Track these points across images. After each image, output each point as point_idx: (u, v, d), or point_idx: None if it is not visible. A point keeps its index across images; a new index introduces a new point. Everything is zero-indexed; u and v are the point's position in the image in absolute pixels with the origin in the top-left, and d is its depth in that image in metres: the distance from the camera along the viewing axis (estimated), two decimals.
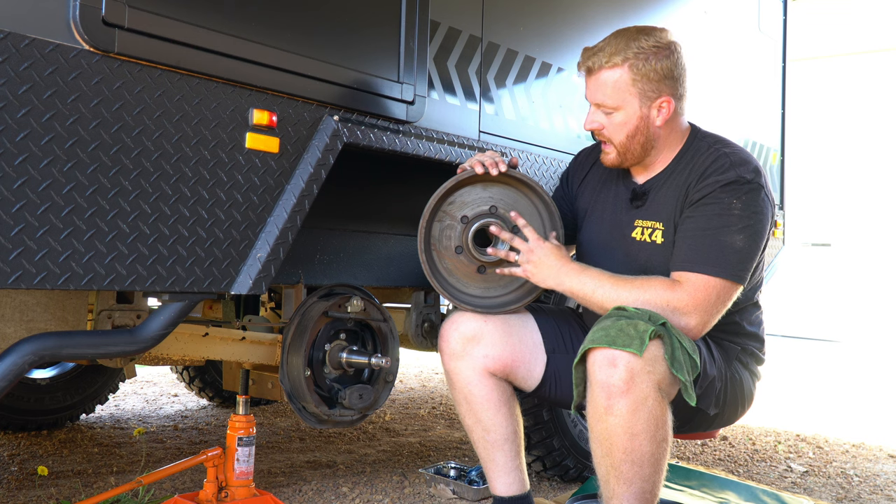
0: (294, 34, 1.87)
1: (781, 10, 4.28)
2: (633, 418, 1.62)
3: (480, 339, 1.96)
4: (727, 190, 1.82)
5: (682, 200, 1.89)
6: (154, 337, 1.74)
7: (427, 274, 1.94)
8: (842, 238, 9.40)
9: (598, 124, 1.94)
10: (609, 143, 1.95)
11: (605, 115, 1.92)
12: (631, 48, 1.86)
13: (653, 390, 1.64)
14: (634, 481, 1.66)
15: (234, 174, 1.76)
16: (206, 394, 4.18)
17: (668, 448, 1.69)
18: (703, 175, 1.87)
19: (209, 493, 2.15)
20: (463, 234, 1.97)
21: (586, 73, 1.94)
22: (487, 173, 1.91)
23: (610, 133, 1.93)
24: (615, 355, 1.63)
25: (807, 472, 3.30)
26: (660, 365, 1.65)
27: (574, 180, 2.19)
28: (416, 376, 5.64)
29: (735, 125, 3.76)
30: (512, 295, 2.03)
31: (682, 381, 1.67)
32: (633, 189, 2.01)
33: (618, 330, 1.65)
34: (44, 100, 1.44)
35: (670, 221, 1.91)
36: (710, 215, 1.82)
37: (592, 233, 2.08)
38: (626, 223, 1.99)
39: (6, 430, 3.33)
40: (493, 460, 2.00)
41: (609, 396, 1.63)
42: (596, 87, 1.91)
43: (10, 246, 1.41)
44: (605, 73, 1.88)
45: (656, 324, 1.66)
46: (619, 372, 1.62)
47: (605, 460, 1.68)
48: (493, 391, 1.97)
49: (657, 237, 1.92)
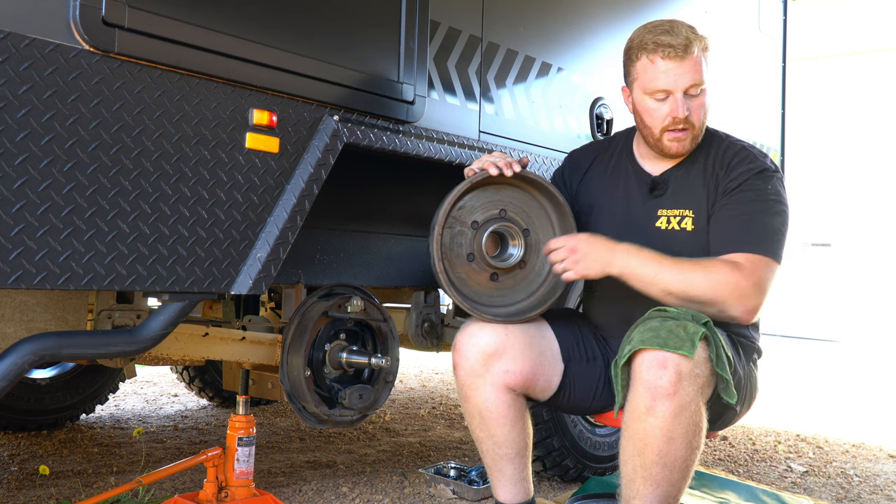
0: (294, 34, 1.87)
1: (781, 10, 4.29)
2: (674, 422, 1.61)
3: (502, 353, 1.87)
4: (760, 177, 1.85)
5: (714, 190, 1.90)
6: (154, 337, 1.74)
7: (444, 285, 1.85)
8: (842, 238, 9.40)
9: (688, 110, 1.85)
10: (688, 129, 1.87)
11: (694, 98, 1.85)
12: (687, 26, 1.86)
13: (697, 395, 1.62)
14: (662, 484, 1.64)
15: (234, 174, 1.76)
16: (206, 394, 4.18)
17: (699, 456, 1.68)
18: (731, 165, 1.89)
19: (209, 493, 2.15)
20: (474, 240, 1.89)
21: (682, 53, 1.82)
22: (502, 175, 1.84)
23: (695, 117, 1.86)
24: (666, 357, 1.60)
25: (807, 472, 3.30)
26: (705, 368, 1.64)
27: (573, 178, 2.14)
28: (416, 376, 5.64)
29: (735, 125, 3.76)
30: (529, 300, 1.95)
31: (726, 380, 1.66)
32: (651, 180, 1.99)
33: (668, 331, 1.62)
34: (44, 100, 1.44)
35: (701, 209, 1.91)
36: (749, 200, 1.84)
37: (602, 227, 2.01)
38: (647, 214, 1.97)
39: (6, 430, 3.33)
40: (501, 472, 1.97)
41: (654, 398, 1.60)
42: (695, 66, 1.83)
43: (10, 246, 1.41)
44: (696, 52, 1.83)
45: (701, 323, 1.65)
46: (668, 374, 1.59)
47: (634, 459, 1.66)
48: (510, 408, 1.90)
49: (687, 224, 1.91)
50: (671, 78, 1.83)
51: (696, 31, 1.86)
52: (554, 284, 1.96)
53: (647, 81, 1.86)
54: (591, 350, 2.02)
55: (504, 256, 1.95)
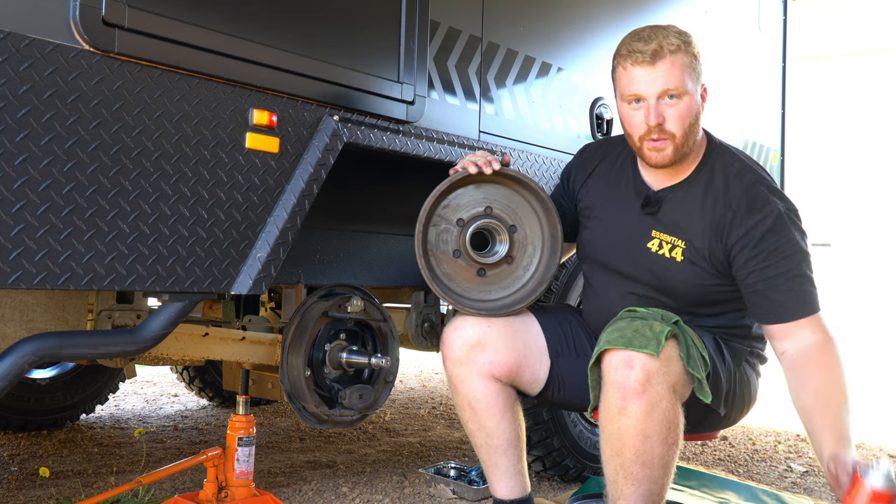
0: (294, 34, 1.87)
1: (781, 10, 4.29)
2: (647, 420, 1.62)
3: (485, 344, 1.92)
4: (782, 225, 1.79)
5: (720, 233, 1.83)
6: (154, 337, 1.74)
7: (427, 279, 1.91)
8: (842, 238, 9.40)
9: (663, 117, 1.79)
10: (667, 139, 1.81)
11: (670, 106, 1.79)
12: (672, 32, 1.80)
13: (667, 392, 1.63)
14: (643, 482, 1.66)
15: (234, 174, 1.76)
16: (206, 394, 4.18)
17: (678, 451, 1.69)
18: (742, 211, 1.81)
19: (209, 493, 2.15)
20: (459, 237, 1.95)
21: (651, 58, 1.78)
22: (481, 173, 1.89)
23: (672, 125, 1.80)
24: (631, 356, 1.62)
25: (807, 472, 3.30)
26: (675, 365, 1.65)
27: (577, 178, 2.13)
28: (416, 376, 5.64)
29: (735, 125, 3.76)
30: (514, 296, 2.00)
31: (697, 379, 1.67)
32: (646, 194, 1.94)
33: (633, 331, 1.64)
34: (44, 100, 1.44)
35: (696, 244, 1.86)
36: (787, 256, 1.79)
37: (598, 233, 2.04)
38: (640, 231, 1.94)
39: (6, 430, 3.33)
40: (496, 465, 1.99)
41: (624, 397, 1.62)
42: (667, 72, 1.78)
43: (10, 246, 1.41)
44: (674, 56, 1.78)
45: (669, 322, 1.66)
46: (635, 373, 1.61)
47: (614, 460, 1.68)
48: (497, 397, 1.94)
49: (677, 254, 1.88)
50: (642, 84, 1.80)
51: (680, 37, 1.80)
52: (540, 279, 2.00)
53: (622, 87, 1.85)
54: (582, 347, 2.03)
55: (490, 252, 2.00)
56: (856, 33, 9.30)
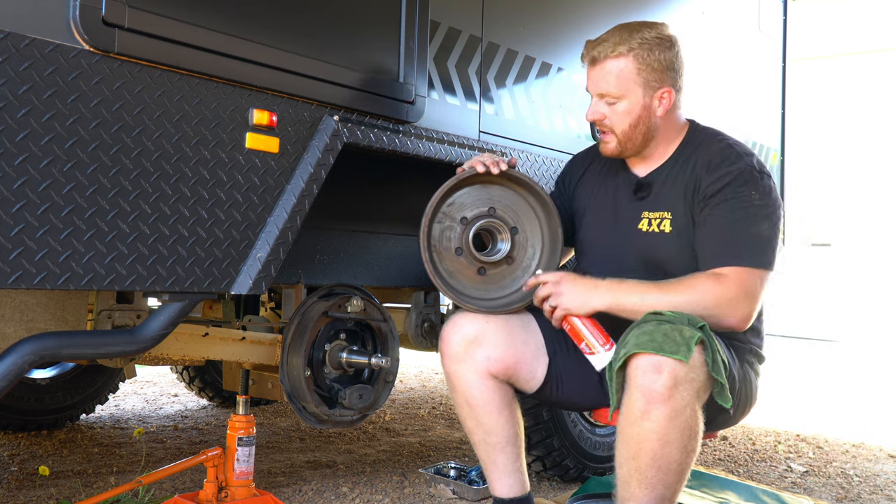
0: (294, 34, 1.87)
1: (781, 10, 4.28)
2: (669, 426, 1.61)
3: (482, 341, 1.94)
4: (742, 181, 1.85)
5: (693, 191, 1.91)
6: (154, 337, 1.74)
7: (430, 274, 1.94)
8: (842, 238, 9.41)
9: (600, 114, 1.96)
10: (610, 133, 1.97)
11: (608, 105, 1.94)
12: (635, 38, 1.90)
13: (692, 399, 1.63)
14: (657, 487, 1.65)
15: (234, 174, 1.76)
16: (206, 394, 4.18)
17: (695, 458, 1.69)
18: (712, 166, 1.89)
19: (209, 493, 2.15)
20: (462, 235, 1.97)
21: (590, 63, 1.95)
22: (488, 172, 1.93)
23: (612, 122, 1.95)
24: (661, 361, 1.60)
25: (807, 472, 3.30)
26: (701, 372, 1.64)
27: (570, 180, 2.20)
28: (416, 376, 5.64)
29: (735, 125, 3.76)
30: (513, 296, 2.02)
31: (721, 384, 1.66)
32: (636, 182, 2.02)
33: (663, 335, 1.62)
34: (44, 100, 1.44)
35: (679, 211, 1.92)
36: (734, 208, 1.84)
37: (593, 229, 2.09)
38: (632, 216, 2.00)
39: (6, 430, 3.33)
40: (494, 462, 2.00)
41: (648, 402, 1.61)
42: (601, 76, 1.93)
43: (10, 246, 1.41)
44: (610, 63, 1.91)
45: (696, 327, 1.66)
46: (662, 379, 1.60)
47: (630, 462, 1.67)
48: (494, 394, 1.95)
49: (665, 226, 1.94)
50: (588, 82, 1.98)
51: (633, 43, 1.90)
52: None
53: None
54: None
55: (492, 252, 2.02)
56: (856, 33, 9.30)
